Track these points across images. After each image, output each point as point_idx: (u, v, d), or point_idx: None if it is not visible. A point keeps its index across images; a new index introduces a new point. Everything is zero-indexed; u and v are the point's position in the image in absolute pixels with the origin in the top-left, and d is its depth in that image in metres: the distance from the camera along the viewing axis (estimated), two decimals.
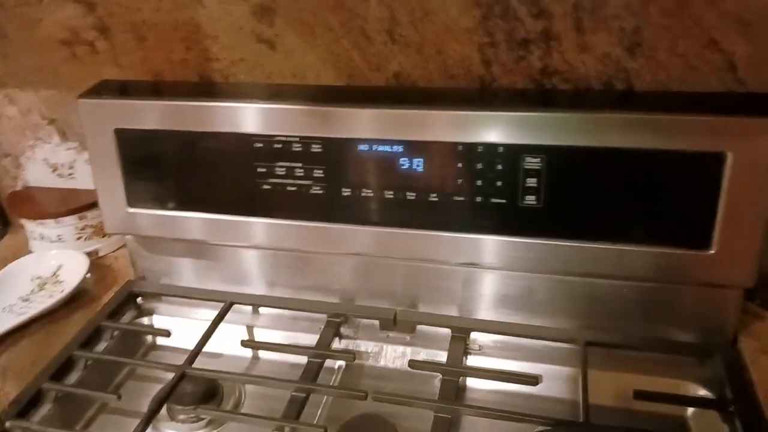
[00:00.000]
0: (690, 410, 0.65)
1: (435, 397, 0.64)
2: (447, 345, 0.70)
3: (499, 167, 0.63)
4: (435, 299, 0.74)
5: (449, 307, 0.74)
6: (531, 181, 0.62)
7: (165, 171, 0.73)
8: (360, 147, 0.66)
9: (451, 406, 0.62)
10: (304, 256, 0.75)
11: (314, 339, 0.72)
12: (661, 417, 0.63)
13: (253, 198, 0.71)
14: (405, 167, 0.65)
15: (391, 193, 0.67)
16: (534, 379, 0.64)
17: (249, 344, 0.74)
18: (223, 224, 0.73)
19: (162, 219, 0.74)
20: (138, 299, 0.81)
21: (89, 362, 0.71)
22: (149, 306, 0.82)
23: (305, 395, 0.64)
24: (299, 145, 0.67)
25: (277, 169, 0.68)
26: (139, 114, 0.70)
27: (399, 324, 0.73)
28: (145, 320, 0.81)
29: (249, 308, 0.79)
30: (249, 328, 0.77)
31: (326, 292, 0.77)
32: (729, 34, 0.61)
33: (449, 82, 0.70)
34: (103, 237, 0.89)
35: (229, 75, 0.75)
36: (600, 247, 0.64)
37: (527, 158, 0.62)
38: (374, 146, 0.65)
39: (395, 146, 0.65)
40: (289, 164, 0.68)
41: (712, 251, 0.61)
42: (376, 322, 0.74)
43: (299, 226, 0.71)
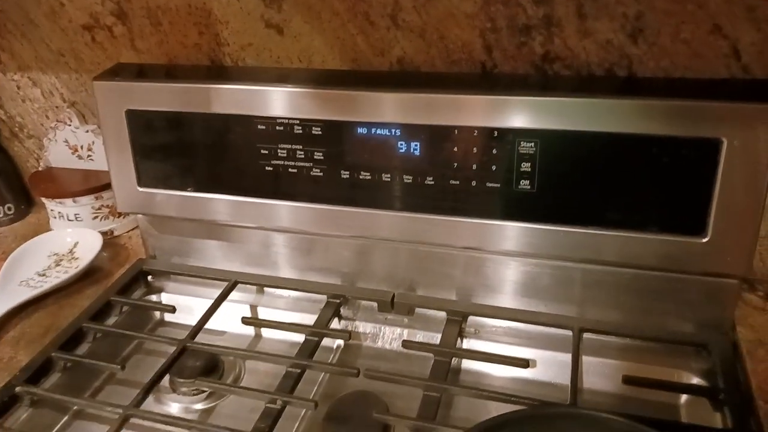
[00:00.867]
0: (683, 398, 0.65)
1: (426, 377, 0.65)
2: (443, 328, 0.71)
3: (494, 151, 0.63)
4: (434, 283, 0.75)
5: (447, 291, 0.75)
6: (525, 166, 0.63)
7: (173, 152, 0.75)
8: (358, 130, 0.67)
9: (440, 385, 0.63)
10: (309, 238, 0.77)
11: (314, 319, 0.74)
12: (653, 404, 0.63)
13: (258, 179, 0.72)
14: (402, 150, 0.66)
15: (389, 176, 0.67)
16: (525, 362, 0.65)
17: (249, 321, 0.76)
18: (229, 204, 0.75)
19: (171, 198, 0.77)
20: (148, 277, 0.84)
21: (98, 334, 0.74)
22: (159, 284, 0.84)
23: (300, 371, 0.66)
24: (300, 128, 0.68)
25: (279, 151, 0.70)
26: (149, 95, 0.72)
27: (396, 306, 0.74)
28: (154, 297, 0.83)
29: (253, 288, 0.81)
30: (252, 307, 0.79)
31: (328, 274, 0.78)
32: (734, 20, 0.60)
33: (452, 68, 0.70)
34: (119, 217, 0.92)
35: (239, 59, 0.77)
36: (597, 233, 0.64)
37: (521, 142, 0.62)
38: (372, 129, 0.66)
39: (393, 129, 0.65)
40: (290, 146, 0.70)
41: (707, 238, 0.60)
42: (375, 304, 0.75)
43: (301, 208, 0.73)
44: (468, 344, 0.71)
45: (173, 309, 0.76)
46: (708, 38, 0.62)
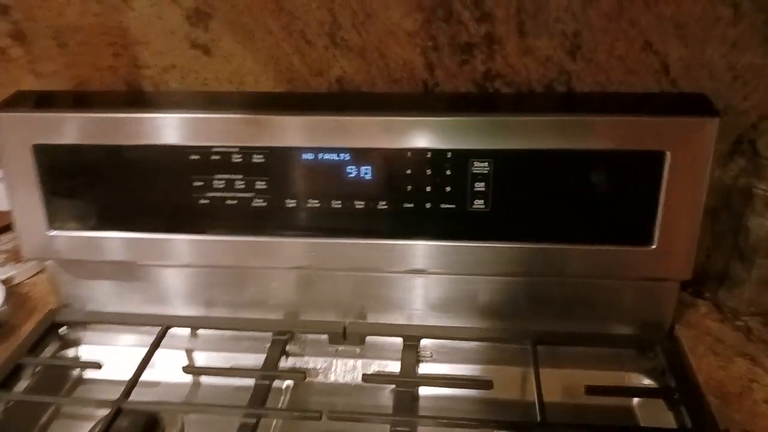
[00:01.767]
0: (635, 400, 0.67)
1: (389, 410, 0.62)
2: (398, 355, 0.69)
3: (448, 173, 0.62)
4: (382, 308, 0.72)
5: (397, 316, 0.72)
6: (479, 186, 0.62)
7: (90, 188, 0.67)
8: (304, 156, 0.63)
9: (409, 419, 0.61)
10: (244, 272, 0.72)
11: (259, 359, 0.69)
12: (610, 409, 0.65)
13: (189, 213, 0.66)
14: (352, 175, 0.63)
15: (339, 203, 0.64)
16: (488, 383, 0.64)
17: (191, 370, 0.70)
18: (156, 243, 0.68)
19: (87, 241, 0.69)
20: (61, 329, 0.75)
21: (10, 404, 0.64)
22: (75, 336, 0.75)
23: (255, 420, 0.61)
24: (239, 156, 0.64)
25: (215, 182, 0.65)
26: (61, 127, 0.64)
27: (349, 336, 0.71)
28: (71, 352, 0.74)
29: (186, 331, 0.74)
30: (188, 352, 0.73)
31: (269, 309, 0.73)
32: (663, 37, 0.63)
33: (393, 87, 0.68)
34: (18, 263, 0.81)
35: (161, 83, 0.71)
36: (545, 248, 0.64)
37: (475, 162, 0.61)
38: (320, 154, 0.63)
39: (342, 154, 0.63)
40: (229, 176, 0.64)
41: (654, 246, 0.62)
42: (325, 337, 0.71)
43: (240, 241, 0.68)
44: (426, 369, 0.69)
45: (99, 365, 0.68)
46: (640, 54, 0.64)
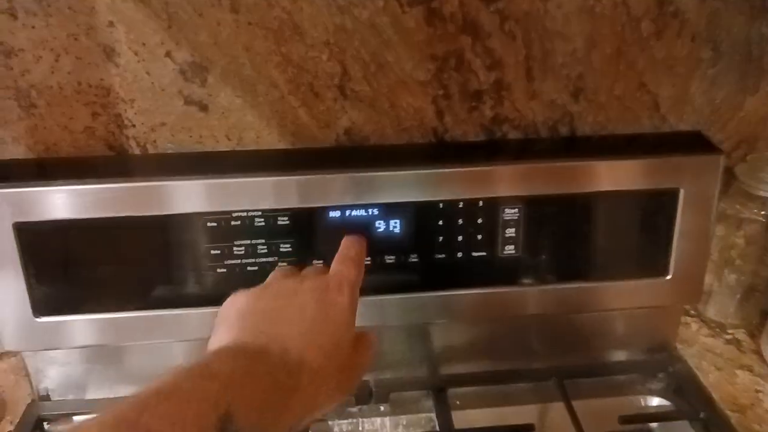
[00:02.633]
0: (656, 423, 0.70)
1: None
2: (426, 407, 0.68)
3: (480, 221, 0.62)
4: (406, 362, 0.70)
5: (420, 368, 0.71)
6: (510, 232, 0.62)
7: (82, 269, 0.59)
8: (330, 214, 0.60)
9: None
10: None
11: None
12: None
13: (204, 284, 0.61)
14: (381, 230, 0.61)
15: (368, 259, 0.62)
16: (529, 427, 0.64)
17: None
18: (163, 320, 0.62)
19: (85, 325, 0.61)
20: (44, 424, 0.65)
21: None
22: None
23: None
24: (261, 220, 0.59)
25: (236, 249, 0.60)
26: (45, 201, 0.56)
27: (375, 395, 0.68)
28: None
29: None
30: None
31: None
32: (656, 77, 0.67)
33: (402, 135, 0.67)
34: None
35: (147, 142, 0.64)
36: (570, 287, 0.66)
37: (506, 210, 0.62)
38: (347, 211, 0.60)
39: (371, 209, 0.60)
40: (249, 242, 0.60)
41: (669, 276, 0.66)
42: (350, 398, 0.68)
43: None
44: (460, 419, 0.68)
45: None
46: (636, 94, 0.68)
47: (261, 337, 0.39)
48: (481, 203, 0.61)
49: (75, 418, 0.66)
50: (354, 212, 0.60)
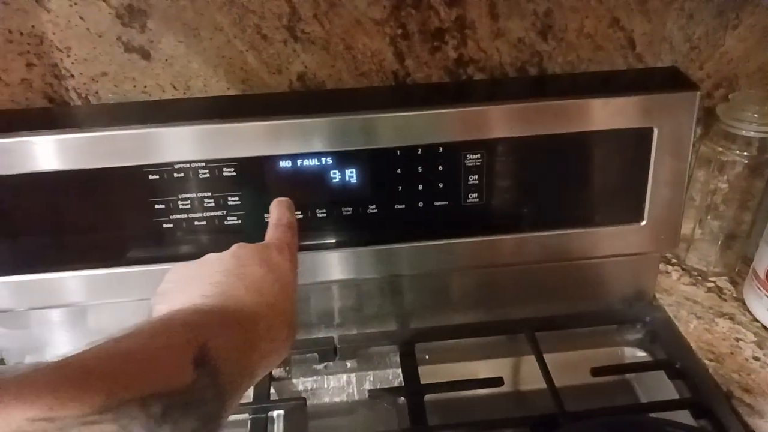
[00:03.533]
0: (631, 375, 0.68)
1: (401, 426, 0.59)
2: (394, 363, 0.65)
3: (441, 168, 0.58)
4: (372, 317, 0.68)
5: (388, 323, 0.69)
6: (473, 179, 0.59)
7: (24, 225, 0.57)
8: (280, 164, 0.57)
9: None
10: None
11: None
12: (610, 386, 0.67)
13: (150, 241, 0.58)
14: (336, 180, 0.58)
15: (324, 212, 0.59)
16: (499, 380, 0.62)
17: None
18: (106, 279, 0.59)
19: (26, 286, 0.58)
20: None
21: None
22: None
23: None
24: (206, 171, 0.56)
25: (180, 203, 0.57)
26: None
27: (340, 352, 0.66)
28: None
29: None
30: None
31: None
32: (629, 13, 0.63)
33: (361, 80, 0.63)
34: None
35: (89, 93, 0.61)
36: (540, 235, 0.63)
37: (468, 155, 0.58)
38: (298, 160, 0.57)
39: (324, 158, 0.57)
40: (195, 195, 0.57)
41: (644, 222, 0.63)
42: (311, 355, 0.66)
43: None
44: (427, 373, 0.66)
45: None
46: (608, 31, 0.64)
47: (213, 299, 0.38)
48: (441, 149, 0.57)
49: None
50: (306, 161, 0.57)
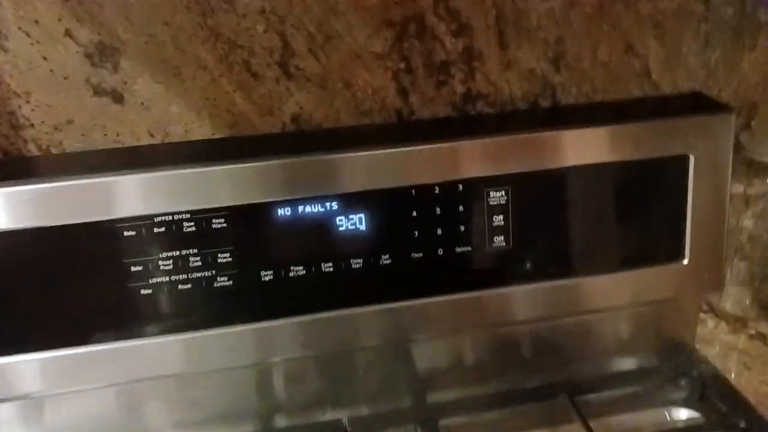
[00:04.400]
0: None
1: None
2: None
3: (462, 209, 0.51)
4: (388, 390, 0.59)
5: (404, 398, 0.59)
6: (498, 220, 0.52)
7: None
8: (279, 211, 0.49)
9: None
10: (210, 376, 0.55)
11: None
12: None
13: (126, 310, 0.49)
14: (343, 228, 0.50)
15: (330, 266, 0.51)
16: None
17: None
18: (74, 361, 0.49)
19: None
20: None
21: None
22: None
23: None
24: (191, 224, 0.48)
25: (162, 263, 0.48)
26: None
27: None
28: None
29: None
30: None
31: (240, 419, 0.56)
32: (643, 38, 0.59)
33: (361, 120, 0.57)
34: None
35: (51, 144, 0.53)
36: (571, 282, 0.56)
37: (492, 193, 0.51)
38: (299, 207, 0.49)
39: (329, 203, 0.49)
40: (178, 253, 0.48)
41: (686, 260, 0.56)
42: None
43: (196, 338, 0.51)
44: None
45: None
46: (623, 58, 0.60)
47: None
48: (461, 186, 0.51)
49: None
50: (308, 207, 0.49)
